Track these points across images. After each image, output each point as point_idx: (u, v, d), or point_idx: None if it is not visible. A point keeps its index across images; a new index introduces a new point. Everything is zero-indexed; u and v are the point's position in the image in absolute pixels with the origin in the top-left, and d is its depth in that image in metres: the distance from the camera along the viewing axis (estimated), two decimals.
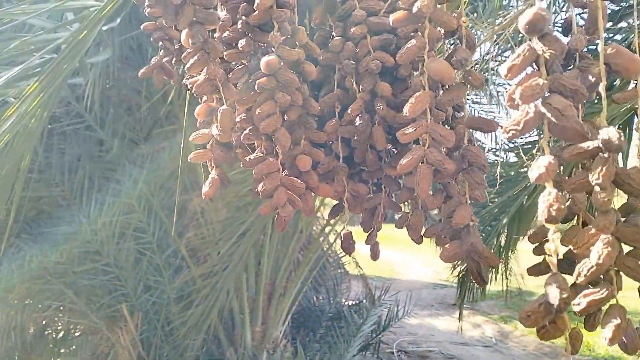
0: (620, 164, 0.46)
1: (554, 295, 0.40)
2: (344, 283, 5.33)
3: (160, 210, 3.54)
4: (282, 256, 4.07)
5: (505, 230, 3.14)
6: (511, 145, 2.94)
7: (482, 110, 5.26)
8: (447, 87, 0.61)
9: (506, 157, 3.23)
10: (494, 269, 3.76)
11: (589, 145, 0.43)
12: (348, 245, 0.75)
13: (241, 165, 0.70)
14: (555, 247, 0.41)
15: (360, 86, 0.67)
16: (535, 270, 0.63)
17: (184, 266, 3.64)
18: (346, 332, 3.98)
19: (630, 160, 2.15)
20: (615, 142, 0.41)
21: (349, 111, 0.68)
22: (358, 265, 5.69)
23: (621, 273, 0.43)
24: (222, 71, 0.64)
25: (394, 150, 0.73)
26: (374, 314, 4.33)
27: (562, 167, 0.63)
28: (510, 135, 0.42)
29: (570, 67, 0.56)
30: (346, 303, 5.01)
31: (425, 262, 14.03)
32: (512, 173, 2.90)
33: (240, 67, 0.68)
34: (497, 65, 3.36)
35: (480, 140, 4.83)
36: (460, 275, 3.65)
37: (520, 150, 2.66)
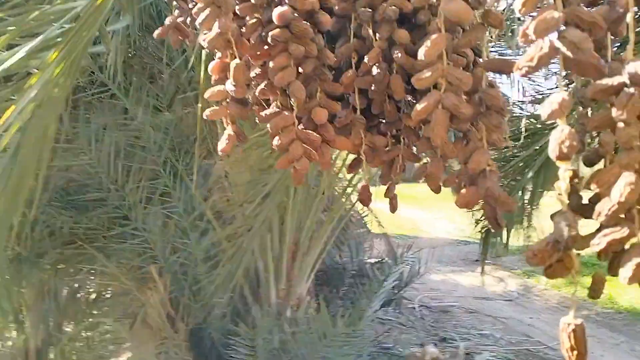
0: None
1: (561, 232, 0.39)
2: (367, 242, 5.38)
3: (185, 175, 3.59)
4: (305, 216, 4.11)
5: (530, 185, 3.09)
6: (538, 96, 2.86)
7: None
8: (465, 29, 0.59)
9: (533, 109, 3.15)
10: (517, 224, 3.74)
11: (614, 80, 0.41)
12: (365, 197, 0.75)
13: (257, 121, 0.70)
14: (566, 186, 0.40)
15: (377, 34, 0.65)
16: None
17: (209, 228, 3.72)
18: (368, 288, 4.05)
19: None
20: None
21: (365, 61, 0.67)
22: (380, 224, 5.71)
23: None
24: (234, 25, 0.63)
25: (413, 100, 0.71)
26: (395, 271, 4.37)
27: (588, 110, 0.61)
28: (524, 72, 0.40)
29: (600, 2, 0.53)
30: (369, 261, 5.07)
31: (448, 219, 14.02)
32: (539, 125, 2.84)
33: (253, 20, 0.67)
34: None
35: (505, 94, 4.71)
36: (483, 230, 3.64)
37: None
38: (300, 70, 0.65)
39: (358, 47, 0.69)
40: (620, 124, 0.41)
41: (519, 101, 3.52)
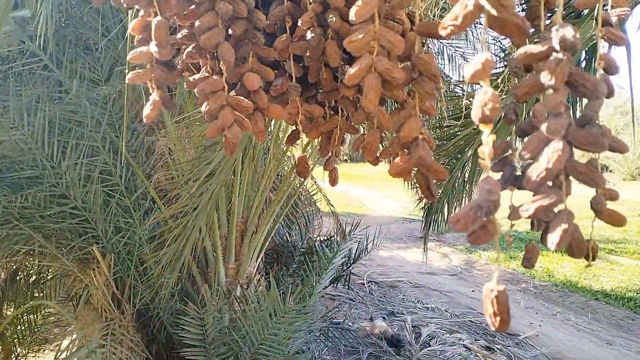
0: None
1: (484, 197, 0.38)
2: (316, 220, 5.41)
3: (127, 152, 3.46)
4: (253, 195, 4.07)
5: (470, 163, 3.17)
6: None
7: (451, 45, 5.19)
8: None
9: (472, 88, 3.20)
10: (458, 203, 3.84)
11: (542, 45, 0.40)
12: (302, 169, 0.73)
13: (185, 87, 0.65)
14: (489, 150, 0.39)
15: None
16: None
17: (154, 207, 3.61)
18: (318, 265, 4.07)
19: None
20: (570, 40, 0.39)
21: (299, 25, 0.63)
22: (329, 203, 5.76)
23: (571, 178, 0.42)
24: None
25: (350, 68, 0.69)
26: (344, 248, 4.42)
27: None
28: (449, 31, 0.38)
29: None
30: (318, 239, 5.11)
31: (394, 198, 14.34)
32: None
33: None
34: None
35: (446, 73, 4.80)
36: (426, 207, 3.72)
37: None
38: (230, 32, 0.61)
39: (292, 10, 0.66)
40: (549, 90, 0.40)
41: (459, 81, 3.58)
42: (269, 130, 3.88)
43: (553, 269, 8.24)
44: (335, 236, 5.02)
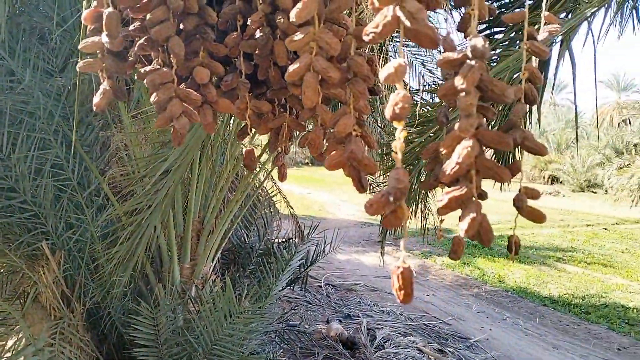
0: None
1: (393, 185, 0.43)
2: (275, 222, 5.42)
3: (80, 147, 3.38)
4: (210, 194, 4.05)
5: (425, 170, 3.26)
6: (433, 85, 3.01)
7: (412, 52, 5.32)
8: None
9: (430, 97, 3.31)
10: (414, 209, 3.94)
11: (457, 54, 0.45)
12: (250, 162, 0.76)
13: (136, 78, 0.67)
14: (400, 145, 0.44)
15: None
16: (425, 185, 0.67)
17: (107, 204, 3.54)
18: (275, 267, 4.08)
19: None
20: (480, 49, 0.43)
21: (249, 24, 0.66)
22: (289, 205, 5.78)
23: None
24: None
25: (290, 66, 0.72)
26: (302, 250, 4.45)
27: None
28: (370, 38, 0.43)
29: None
30: (276, 240, 5.12)
31: (353, 202, 14.49)
32: (434, 113, 2.98)
33: None
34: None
35: (404, 81, 4.91)
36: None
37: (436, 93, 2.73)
38: (181, 27, 0.64)
39: (243, 9, 0.69)
40: (462, 93, 0.44)
41: (415, 90, 3.68)
42: (228, 129, 3.87)
43: (504, 275, 8.53)
44: (294, 238, 5.05)
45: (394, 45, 5.58)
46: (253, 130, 0.78)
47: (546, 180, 25.29)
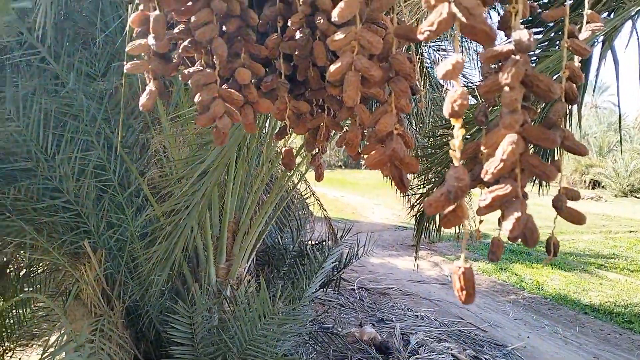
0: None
1: (452, 184, 0.42)
2: (308, 224, 5.44)
3: (121, 148, 3.48)
4: (246, 196, 4.10)
5: None
6: (469, 85, 2.96)
7: (445, 56, 5.26)
8: None
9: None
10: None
11: (502, 48, 0.45)
12: (288, 161, 0.77)
13: (180, 79, 0.69)
14: (458, 143, 0.43)
15: None
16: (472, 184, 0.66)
17: (146, 204, 3.63)
18: (309, 269, 4.09)
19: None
20: (525, 42, 0.43)
21: (289, 25, 0.67)
22: (322, 207, 5.79)
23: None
24: None
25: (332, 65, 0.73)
26: (335, 253, 4.45)
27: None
28: (426, 36, 0.42)
29: None
30: (310, 242, 5.14)
31: (386, 205, 14.39)
32: (471, 115, 2.93)
33: None
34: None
35: (437, 80, 4.87)
36: (417, 215, 3.76)
37: (477, 91, 2.68)
38: (224, 29, 0.65)
39: (284, 11, 0.70)
40: (506, 88, 0.44)
41: (447, 89, 3.62)
42: (263, 131, 3.92)
43: (543, 281, 8.30)
44: (327, 241, 5.06)
45: (429, 47, 5.53)
46: (291, 130, 0.79)
47: (587, 185, 24.48)
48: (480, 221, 0.67)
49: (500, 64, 0.45)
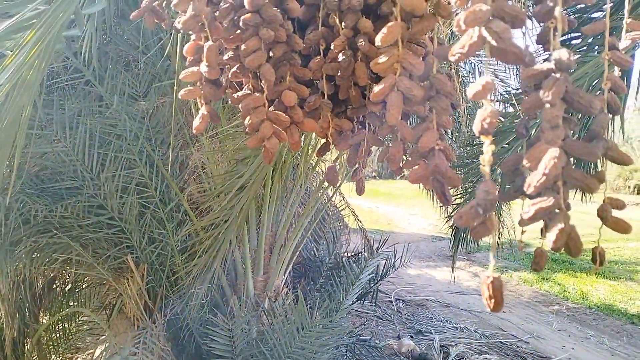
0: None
1: (482, 197, 0.45)
2: (344, 235, 5.45)
3: (162, 165, 3.59)
4: (282, 209, 4.15)
5: (500, 181, 3.18)
6: (506, 96, 2.93)
7: (483, 63, 5.21)
8: (418, 18, 0.63)
9: (503, 108, 3.23)
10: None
11: (542, 66, 0.47)
12: (332, 177, 0.80)
13: (230, 102, 0.73)
14: (488, 158, 0.45)
15: (343, 23, 0.70)
16: (504, 197, 0.68)
17: (186, 219, 3.73)
18: (345, 281, 4.10)
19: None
20: (565, 62, 0.45)
21: (332, 48, 0.71)
22: (357, 219, 5.79)
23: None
24: (208, 9, 0.66)
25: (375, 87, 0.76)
26: (371, 264, 4.44)
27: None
28: (457, 57, 0.45)
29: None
30: (345, 254, 5.14)
31: (422, 216, 14.23)
32: (507, 124, 2.91)
33: (226, 5, 0.70)
34: None
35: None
36: (454, 225, 3.72)
37: (514, 100, 2.66)
38: (270, 54, 0.69)
39: (326, 35, 0.73)
40: (547, 105, 0.46)
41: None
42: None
43: (587, 291, 8.04)
44: (363, 252, 5.05)
45: (464, 62, 5.49)
46: (332, 147, 0.82)
47: (632, 190, 23.59)
48: (523, 232, 0.68)
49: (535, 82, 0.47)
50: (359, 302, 5.34)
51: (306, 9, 0.75)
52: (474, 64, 5.79)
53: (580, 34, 2.54)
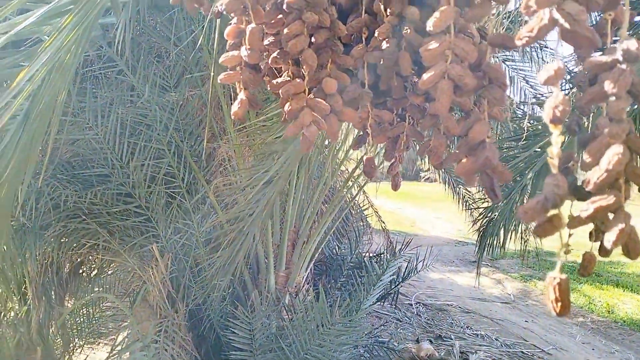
0: None
1: (550, 191, 0.42)
2: (366, 235, 5.42)
3: (190, 157, 3.62)
4: (306, 206, 4.14)
5: (530, 186, 3.10)
6: (540, 98, 2.86)
7: (514, 67, 5.12)
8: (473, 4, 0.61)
9: (533, 110, 3.15)
10: (513, 228, 3.75)
11: (609, 57, 0.44)
12: (370, 169, 0.78)
13: (268, 88, 0.72)
14: (557, 150, 0.43)
15: (388, 10, 0.68)
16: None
17: (212, 212, 3.75)
18: (366, 281, 4.07)
19: None
20: (634, 52, 0.42)
21: (376, 35, 0.69)
22: (380, 219, 5.75)
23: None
24: None
25: (419, 79, 0.73)
26: (393, 265, 4.40)
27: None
28: (525, 41, 0.42)
29: None
30: (367, 254, 5.11)
31: (447, 219, 14.06)
32: (539, 127, 2.84)
33: None
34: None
35: (508, 96, 4.74)
36: (480, 230, 3.66)
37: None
38: (312, 40, 0.67)
39: (369, 22, 0.71)
40: (612, 98, 0.43)
41: (521, 102, 3.52)
42: (325, 143, 3.96)
43: (614, 304, 7.82)
44: (385, 253, 5.02)
45: (494, 59, 5.39)
46: (370, 140, 0.80)
47: None
48: (570, 234, 0.65)
49: (596, 73, 0.44)
50: (379, 303, 5.31)
51: None
52: (504, 68, 5.68)
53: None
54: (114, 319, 4.48)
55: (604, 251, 0.63)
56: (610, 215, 0.43)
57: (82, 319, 4.83)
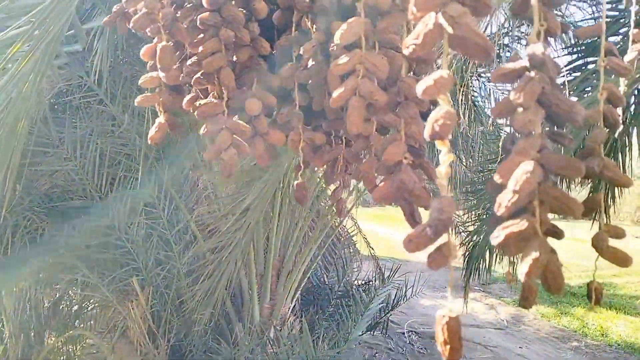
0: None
1: (435, 217, 0.37)
2: (355, 262, 5.33)
3: (171, 186, 3.57)
4: (291, 233, 4.08)
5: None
6: None
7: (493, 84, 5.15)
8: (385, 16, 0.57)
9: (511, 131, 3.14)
10: (499, 252, 3.68)
11: (516, 64, 0.40)
12: (300, 195, 0.73)
13: (191, 111, 0.68)
14: (445, 170, 0.38)
15: (314, 26, 0.64)
16: (489, 222, 0.60)
17: (194, 241, 3.68)
18: (354, 310, 3.98)
19: None
20: (539, 57, 0.37)
21: (301, 52, 0.65)
22: (369, 245, 5.68)
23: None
24: (170, 10, 0.62)
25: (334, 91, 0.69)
26: (382, 293, 4.32)
27: None
28: (411, 50, 0.38)
29: None
30: (356, 282, 5.02)
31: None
32: None
33: (189, 5, 0.65)
34: (511, 42, 3.28)
35: (487, 114, 4.75)
36: (466, 254, 3.60)
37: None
38: (235, 59, 0.64)
39: (300, 39, 0.68)
40: (519, 109, 0.38)
41: (495, 123, 3.52)
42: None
43: (607, 327, 7.69)
44: (374, 281, 4.93)
45: (480, 80, 5.43)
46: (308, 163, 0.76)
47: None
48: (511, 262, 0.60)
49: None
50: (369, 332, 5.19)
51: (281, 13, 0.69)
52: (490, 89, 5.70)
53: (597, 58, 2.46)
54: (95, 357, 4.34)
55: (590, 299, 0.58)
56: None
57: (63, 357, 4.68)
